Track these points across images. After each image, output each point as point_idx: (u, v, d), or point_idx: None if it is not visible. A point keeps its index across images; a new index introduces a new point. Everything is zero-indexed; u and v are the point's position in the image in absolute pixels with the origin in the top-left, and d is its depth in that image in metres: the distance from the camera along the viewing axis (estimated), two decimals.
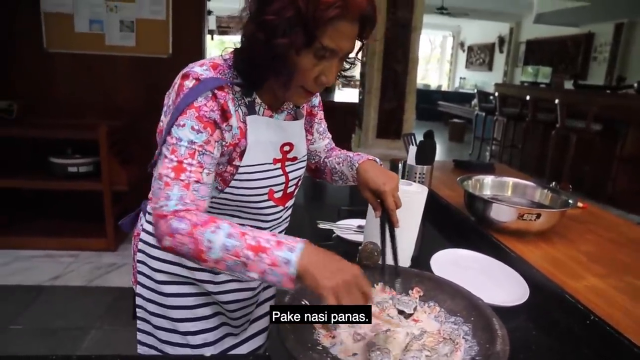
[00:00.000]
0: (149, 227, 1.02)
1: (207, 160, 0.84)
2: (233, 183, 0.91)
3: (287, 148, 0.99)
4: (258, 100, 0.94)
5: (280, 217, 1.05)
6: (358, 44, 0.90)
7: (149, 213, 1.02)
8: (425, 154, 1.56)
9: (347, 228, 1.46)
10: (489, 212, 1.39)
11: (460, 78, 13.98)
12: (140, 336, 1.07)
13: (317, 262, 0.73)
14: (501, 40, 11.65)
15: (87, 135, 3.18)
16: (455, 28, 14.12)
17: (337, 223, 1.50)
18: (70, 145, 3.35)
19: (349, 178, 1.12)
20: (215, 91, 0.84)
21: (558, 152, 5.65)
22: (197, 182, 0.82)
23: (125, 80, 3.71)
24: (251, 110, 0.91)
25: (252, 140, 0.90)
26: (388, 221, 1.01)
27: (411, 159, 1.58)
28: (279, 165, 0.98)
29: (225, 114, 0.86)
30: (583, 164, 5.38)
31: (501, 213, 1.36)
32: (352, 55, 0.91)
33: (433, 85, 14.93)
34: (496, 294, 1.05)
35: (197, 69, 0.85)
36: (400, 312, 0.91)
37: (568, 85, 6.90)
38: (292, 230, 1.47)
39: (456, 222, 1.60)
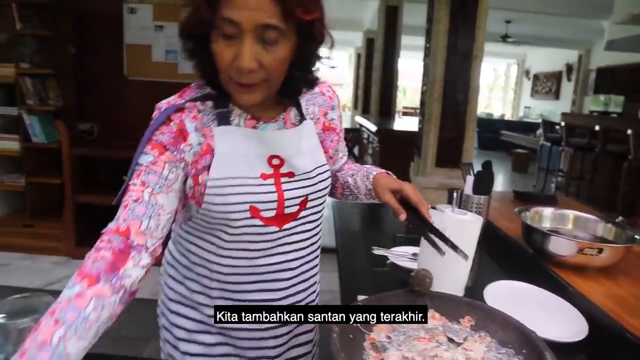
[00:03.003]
0: (171, 246, 1.06)
1: (152, 179, 0.81)
2: (206, 199, 0.86)
3: (276, 162, 0.91)
4: (237, 111, 0.90)
5: (277, 243, 0.94)
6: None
7: (172, 238, 1.06)
8: (483, 184, 1.56)
9: (401, 255, 1.48)
10: (547, 244, 1.36)
11: (525, 107, 13.59)
12: (160, 343, 1.10)
13: None
14: (569, 68, 11.25)
15: None
16: (520, 56, 13.82)
17: (391, 250, 1.52)
18: None
19: (362, 190, 1.10)
20: (171, 116, 0.85)
21: (631, 185, 5.35)
22: (135, 201, 0.79)
23: None
24: (224, 121, 0.88)
25: (221, 151, 0.86)
26: (420, 218, 0.99)
27: (468, 189, 1.58)
28: (270, 181, 0.90)
29: (181, 135, 0.85)
30: None
31: (560, 246, 1.33)
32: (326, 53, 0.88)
33: (496, 114, 14.61)
34: (551, 328, 1.03)
35: (163, 101, 0.89)
36: (450, 340, 0.92)
37: None
38: (347, 254, 1.52)
39: (513, 254, 1.57)
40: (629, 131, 5.22)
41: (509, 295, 1.19)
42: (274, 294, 0.96)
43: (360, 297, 1.07)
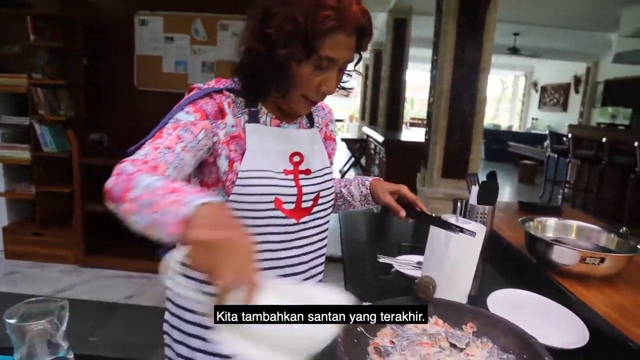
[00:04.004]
0: (178, 256, 1.08)
1: (188, 137, 0.87)
2: (235, 189, 0.93)
3: (296, 159, 1.01)
4: (264, 110, 1.00)
5: (296, 236, 1.01)
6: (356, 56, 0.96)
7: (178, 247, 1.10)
8: (487, 194, 1.58)
9: (406, 263, 1.49)
10: (550, 254, 1.38)
11: (533, 119, 13.57)
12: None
13: (217, 217, 0.63)
14: (577, 80, 11.25)
15: None
16: (528, 68, 13.83)
17: (396, 258, 1.54)
18: None
19: (356, 197, 1.20)
20: (212, 93, 0.94)
21: (637, 197, 5.33)
22: (167, 147, 0.84)
23: None
24: (253, 119, 0.97)
25: (252, 147, 0.95)
26: (419, 212, 1.10)
27: (473, 199, 1.60)
28: (291, 176, 0.99)
29: (221, 112, 0.93)
30: None
31: (562, 255, 1.35)
32: (350, 67, 0.96)
33: (504, 126, 14.60)
34: (553, 335, 1.04)
35: (199, 84, 0.97)
36: (452, 346, 0.94)
37: None
38: (353, 262, 1.54)
39: (517, 263, 1.59)
40: (636, 143, 5.21)
41: (511, 303, 1.21)
42: None
43: (366, 304, 1.09)
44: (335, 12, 0.83)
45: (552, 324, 1.13)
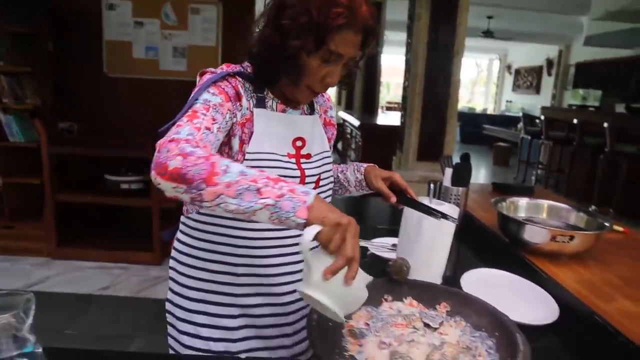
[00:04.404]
0: (182, 237, 1.09)
1: (219, 118, 0.91)
2: None
3: (299, 143, 1.06)
4: (270, 95, 1.04)
5: None
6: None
7: (180, 229, 1.11)
8: (461, 176, 1.59)
9: (381, 246, 1.50)
10: (522, 233, 1.40)
11: (507, 101, 13.77)
12: (170, 340, 1.12)
13: (328, 205, 0.77)
14: (549, 63, 11.43)
15: (139, 154, 3.37)
16: (502, 51, 13.98)
17: (372, 241, 1.55)
18: (124, 163, 3.56)
19: (352, 182, 1.23)
20: (228, 77, 0.98)
21: (607, 177, 5.47)
22: (207, 128, 0.87)
23: (176, 103, 3.90)
24: (260, 104, 1.01)
25: (258, 130, 0.99)
26: (409, 199, 1.13)
27: (447, 181, 1.61)
28: (294, 160, 1.04)
29: (237, 95, 0.97)
30: (634, 189, 5.17)
31: (534, 234, 1.37)
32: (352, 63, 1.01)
33: (479, 109, 14.77)
34: (524, 312, 1.06)
35: (210, 68, 1.01)
36: (427, 326, 0.94)
37: (620, 108, 6.69)
38: None
39: (490, 243, 1.61)
40: (606, 124, 5.33)
41: (484, 283, 1.22)
42: (293, 267, 1.07)
43: None
44: (347, 10, 0.88)
45: (524, 301, 1.15)
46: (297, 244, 1.03)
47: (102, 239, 3.73)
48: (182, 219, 1.10)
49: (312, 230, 0.72)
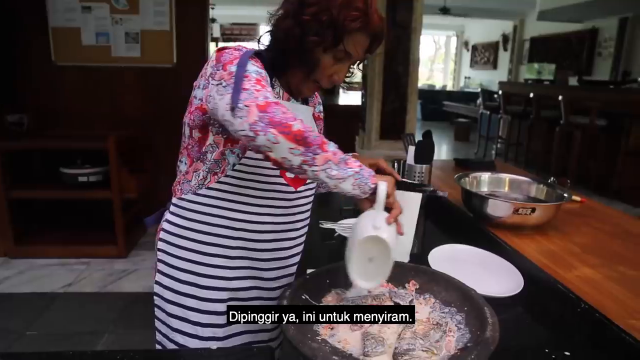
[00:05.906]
0: (173, 218, 1.09)
1: (270, 90, 0.91)
2: (249, 153, 1.01)
3: None
4: (277, 84, 1.07)
5: (293, 204, 1.10)
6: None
7: (170, 210, 1.10)
8: (424, 154, 1.60)
9: (348, 227, 1.50)
10: (486, 208, 1.42)
11: (465, 77, 13.99)
12: (156, 323, 1.13)
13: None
14: (505, 38, 11.65)
15: (96, 145, 3.25)
16: (459, 28, 14.14)
17: (338, 222, 1.55)
18: (80, 155, 3.43)
19: None
20: (253, 56, 0.97)
21: (563, 148, 5.67)
22: (276, 103, 0.87)
23: (131, 90, 3.79)
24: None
25: None
26: (398, 182, 1.14)
27: (410, 159, 1.62)
28: None
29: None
30: (588, 159, 5.38)
31: (497, 208, 1.40)
32: (354, 65, 1.08)
33: (438, 86, 14.93)
34: (491, 285, 1.08)
35: (228, 47, 1.01)
36: (396, 305, 0.95)
37: (573, 81, 6.90)
38: None
39: (455, 219, 1.63)
40: (560, 97, 5.49)
41: (451, 258, 1.24)
42: (285, 252, 1.12)
43: (310, 271, 1.09)
44: (363, 15, 0.95)
45: (490, 274, 1.18)
46: (290, 231, 1.12)
47: (62, 234, 3.60)
48: (174, 200, 1.10)
49: (384, 186, 0.88)
